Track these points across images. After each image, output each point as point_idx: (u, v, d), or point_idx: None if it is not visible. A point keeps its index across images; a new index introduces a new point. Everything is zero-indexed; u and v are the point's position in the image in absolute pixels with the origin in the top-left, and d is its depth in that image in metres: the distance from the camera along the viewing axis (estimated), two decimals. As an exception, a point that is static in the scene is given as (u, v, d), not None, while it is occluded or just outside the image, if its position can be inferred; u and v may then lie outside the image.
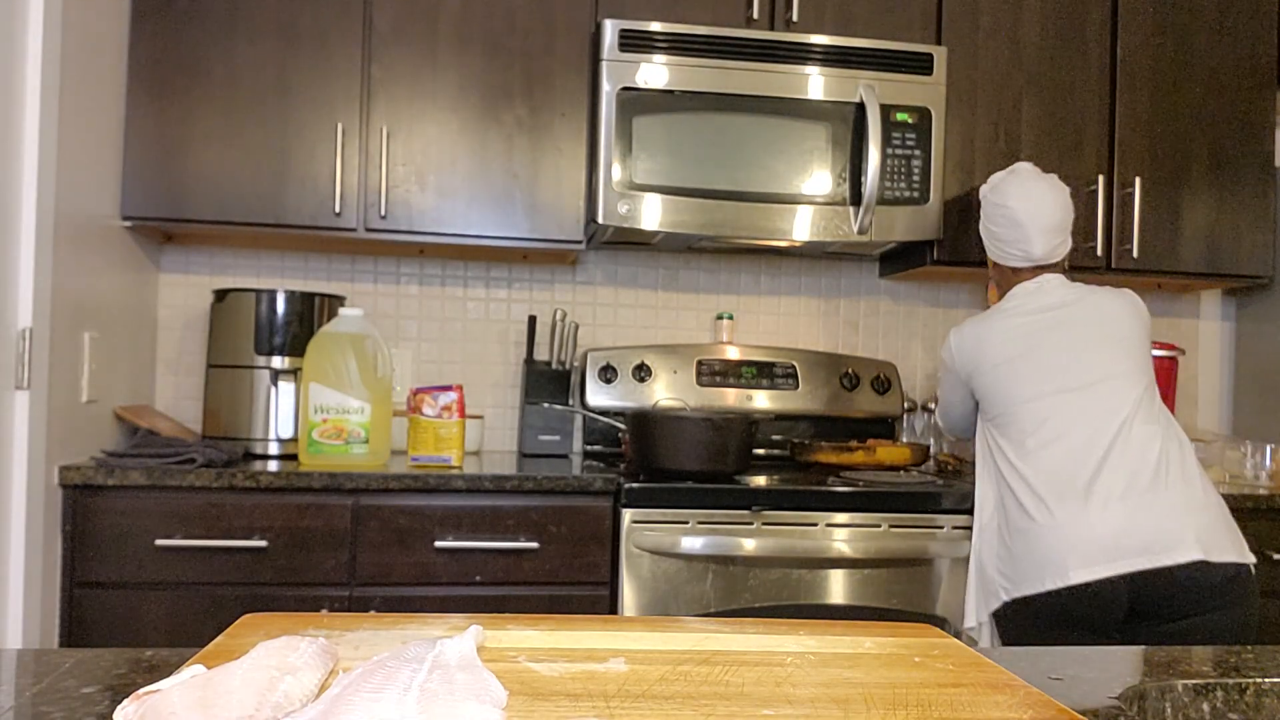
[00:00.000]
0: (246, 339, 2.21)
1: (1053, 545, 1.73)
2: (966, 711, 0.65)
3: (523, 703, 0.64)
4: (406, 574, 1.97)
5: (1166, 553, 1.66)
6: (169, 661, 0.79)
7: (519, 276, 2.66)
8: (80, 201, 1.98)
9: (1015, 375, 1.84)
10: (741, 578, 1.99)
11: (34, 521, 1.80)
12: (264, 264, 2.56)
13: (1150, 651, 0.91)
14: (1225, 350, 2.94)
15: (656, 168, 2.21)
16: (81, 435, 2.01)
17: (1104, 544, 1.69)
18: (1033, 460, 1.79)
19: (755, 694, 0.68)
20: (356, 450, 2.08)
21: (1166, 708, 0.79)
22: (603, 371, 2.53)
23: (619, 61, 2.20)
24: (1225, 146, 2.54)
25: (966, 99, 2.44)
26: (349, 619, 0.83)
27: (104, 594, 1.89)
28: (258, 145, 2.21)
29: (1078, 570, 1.70)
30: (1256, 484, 2.35)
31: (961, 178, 2.44)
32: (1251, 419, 2.82)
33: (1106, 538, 1.69)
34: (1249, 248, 2.55)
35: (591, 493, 2.02)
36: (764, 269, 2.76)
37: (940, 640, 0.84)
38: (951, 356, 1.97)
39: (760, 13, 2.36)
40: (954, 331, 1.97)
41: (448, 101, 2.27)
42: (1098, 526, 1.70)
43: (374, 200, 2.24)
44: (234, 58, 2.20)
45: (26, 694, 0.70)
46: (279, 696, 0.59)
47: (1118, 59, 2.50)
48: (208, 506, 1.92)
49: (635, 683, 0.69)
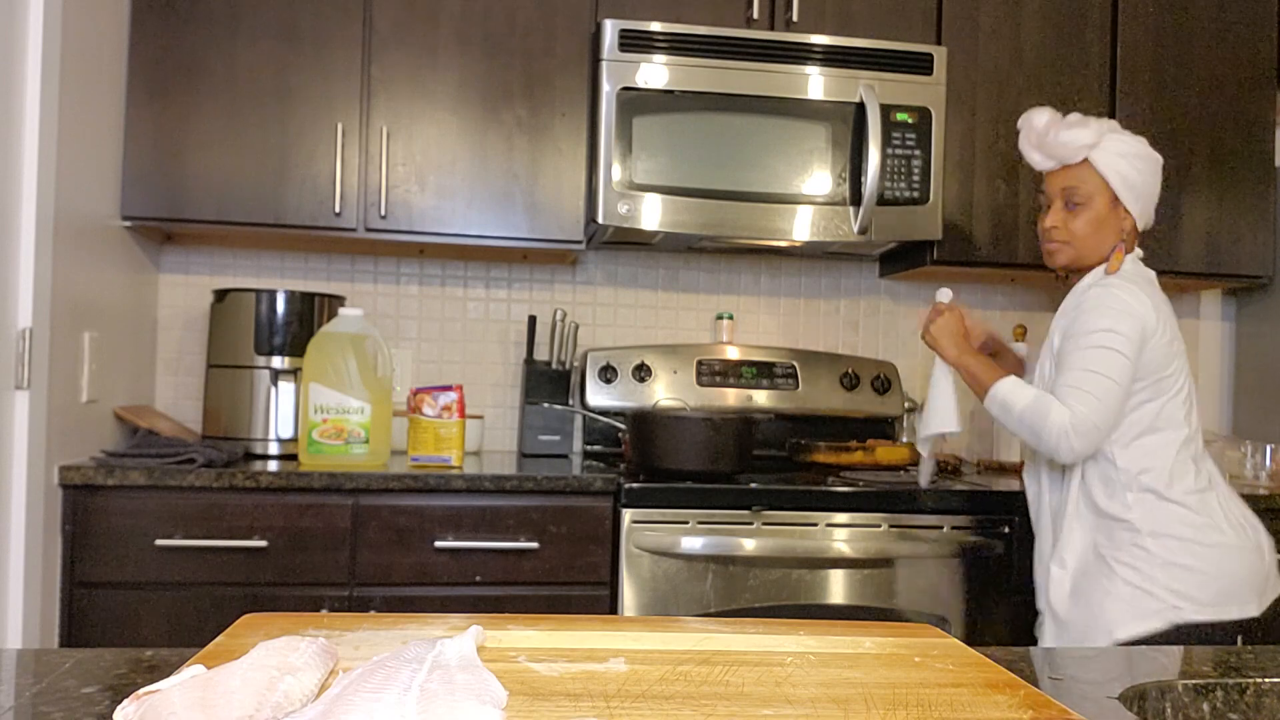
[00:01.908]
0: (246, 339, 2.21)
1: (1254, 567, 1.60)
2: (966, 711, 0.65)
3: (523, 703, 0.64)
4: (406, 574, 1.97)
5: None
6: (169, 661, 0.79)
7: (519, 276, 2.66)
8: (80, 201, 1.98)
9: (1172, 357, 1.64)
10: (741, 578, 1.99)
11: (34, 521, 1.80)
12: (264, 264, 2.56)
13: (1150, 651, 0.91)
14: (1225, 350, 2.94)
15: (656, 168, 2.21)
16: (81, 435, 2.01)
17: (1270, 573, 1.61)
18: (1200, 462, 1.65)
19: (755, 694, 0.68)
20: (356, 450, 2.08)
21: (1166, 708, 0.79)
22: (603, 371, 2.53)
23: (619, 61, 2.20)
24: (1225, 146, 2.54)
25: (966, 99, 2.44)
26: (349, 619, 0.83)
27: (104, 594, 1.89)
28: (258, 145, 2.21)
29: (1253, 601, 1.60)
30: (1256, 484, 2.35)
31: (961, 178, 2.44)
32: (1251, 419, 2.82)
33: (1272, 566, 1.61)
34: (1249, 248, 2.55)
35: (591, 493, 2.02)
36: (764, 269, 2.76)
37: (940, 640, 0.84)
38: (1135, 321, 1.60)
39: (760, 13, 2.36)
40: (1119, 289, 1.63)
41: (448, 101, 2.27)
42: (1267, 553, 1.62)
43: (374, 200, 2.24)
44: (234, 58, 2.20)
45: (26, 694, 0.70)
46: (279, 696, 0.59)
47: (1118, 59, 2.50)
48: (208, 506, 1.92)
49: (635, 683, 0.69)
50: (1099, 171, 1.71)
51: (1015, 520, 2.08)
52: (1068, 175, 1.74)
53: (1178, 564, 1.59)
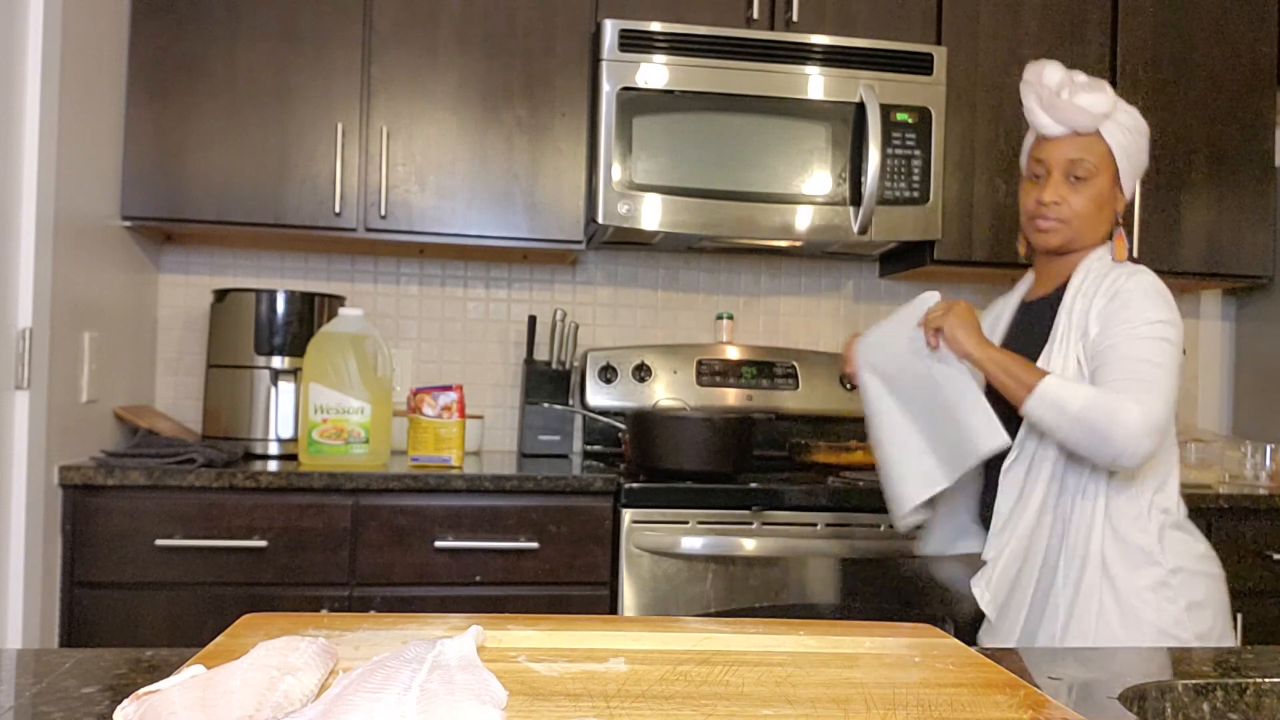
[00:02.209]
0: (246, 339, 2.21)
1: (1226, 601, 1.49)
2: (966, 711, 0.65)
3: (523, 703, 0.64)
4: (406, 574, 1.97)
5: None
6: (169, 661, 0.79)
7: (519, 276, 2.66)
8: (80, 201, 1.98)
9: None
10: (741, 578, 1.99)
11: (34, 521, 1.80)
12: (264, 264, 2.56)
13: (1150, 651, 0.91)
14: (1225, 350, 2.94)
15: (656, 168, 2.21)
16: (81, 435, 2.01)
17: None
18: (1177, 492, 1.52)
19: (755, 694, 0.68)
20: (356, 450, 2.08)
21: (1166, 708, 0.79)
22: (603, 371, 2.53)
23: (619, 61, 2.20)
24: (1225, 146, 2.54)
25: (966, 99, 2.44)
26: (349, 619, 0.83)
27: (104, 594, 1.89)
28: (258, 145, 2.21)
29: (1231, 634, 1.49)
30: (1256, 484, 2.35)
31: (961, 178, 2.44)
32: (1251, 419, 2.82)
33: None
34: (1249, 248, 2.55)
35: (591, 493, 2.02)
36: (764, 269, 2.76)
37: (940, 640, 0.84)
38: (1178, 319, 1.46)
39: (760, 13, 2.36)
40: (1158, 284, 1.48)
41: (448, 101, 2.27)
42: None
43: (374, 200, 2.24)
44: (234, 58, 2.20)
45: (26, 694, 0.70)
46: (279, 696, 0.59)
47: (1118, 59, 2.50)
48: (208, 506, 1.92)
49: (635, 683, 0.69)
50: (1107, 144, 1.52)
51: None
52: (1076, 145, 1.52)
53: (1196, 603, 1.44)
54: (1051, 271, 1.61)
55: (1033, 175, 1.58)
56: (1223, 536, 2.17)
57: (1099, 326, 1.46)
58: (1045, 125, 1.54)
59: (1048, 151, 1.55)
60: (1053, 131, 1.54)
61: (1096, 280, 1.52)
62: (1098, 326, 1.46)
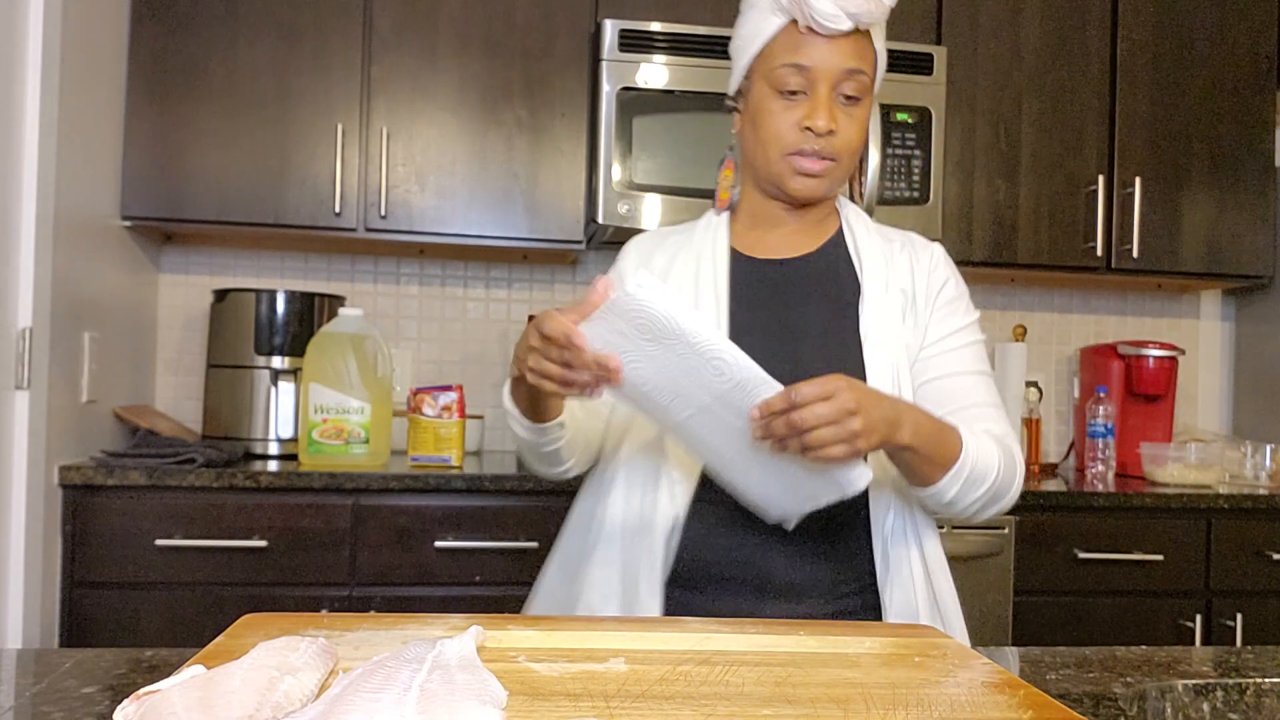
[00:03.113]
0: (246, 339, 2.21)
1: None
2: (966, 711, 0.65)
3: (523, 703, 0.64)
4: (406, 574, 1.96)
5: None
6: (169, 661, 0.79)
7: (519, 276, 2.66)
8: (80, 201, 1.98)
9: None
10: (741, 578, 1.98)
11: (34, 521, 1.80)
12: (264, 264, 2.56)
13: (1150, 651, 0.91)
14: (1225, 350, 2.94)
15: (656, 168, 2.21)
16: (81, 435, 2.01)
17: None
18: None
19: (755, 694, 0.68)
20: (356, 450, 2.08)
21: (1166, 708, 0.79)
22: (603, 371, 2.52)
23: (619, 61, 2.20)
24: (1225, 146, 2.54)
25: (966, 99, 2.44)
26: (349, 619, 0.83)
27: (104, 594, 1.89)
28: (258, 146, 2.21)
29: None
30: (1256, 484, 2.35)
31: (961, 178, 2.44)
32: (1251, 419, 2.82)
33: None
34: (1249, 248, 2.55)
35: (591, 493, 2.02)
36: (764, 269, 2.75)
37: (940, 640, 0.84)
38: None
39: (760, 13, 2.36)
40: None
41: (447, 102, 2.27)
42: None
43: (374, 200, 2.24)
44: (234, 58, 2.20)
45: (26, 694, 0.70)
46: (279, 696, 0.59)
47: (1118, 59, 2.50)
48: (208, 506, 1.92)
49: (635, 683, 0.69)
50: (875, 50, 1.12)
51: (1015, 520, 2.08)
52: (854, 49, 1.08)
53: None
54: (796, 226, 1.20)
55: (785, 91, 1.10)
56: (1223, 536, 2.17)
57: (937, 322, 1.16)
58: (826, 13, 1.04)
59: (817, 56, 1.07)
60: (834, 25, 1.05)
61: (884, 242, 1.21)
62: (935, 320, 1.16)
